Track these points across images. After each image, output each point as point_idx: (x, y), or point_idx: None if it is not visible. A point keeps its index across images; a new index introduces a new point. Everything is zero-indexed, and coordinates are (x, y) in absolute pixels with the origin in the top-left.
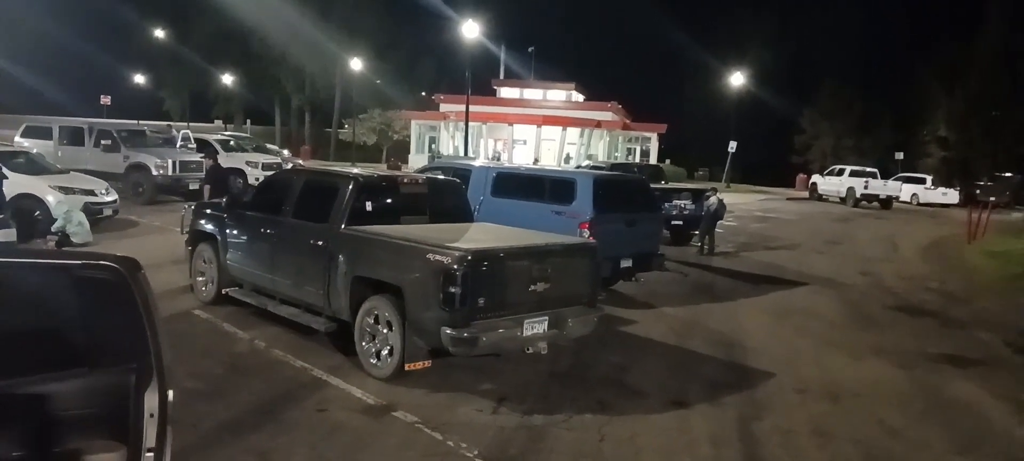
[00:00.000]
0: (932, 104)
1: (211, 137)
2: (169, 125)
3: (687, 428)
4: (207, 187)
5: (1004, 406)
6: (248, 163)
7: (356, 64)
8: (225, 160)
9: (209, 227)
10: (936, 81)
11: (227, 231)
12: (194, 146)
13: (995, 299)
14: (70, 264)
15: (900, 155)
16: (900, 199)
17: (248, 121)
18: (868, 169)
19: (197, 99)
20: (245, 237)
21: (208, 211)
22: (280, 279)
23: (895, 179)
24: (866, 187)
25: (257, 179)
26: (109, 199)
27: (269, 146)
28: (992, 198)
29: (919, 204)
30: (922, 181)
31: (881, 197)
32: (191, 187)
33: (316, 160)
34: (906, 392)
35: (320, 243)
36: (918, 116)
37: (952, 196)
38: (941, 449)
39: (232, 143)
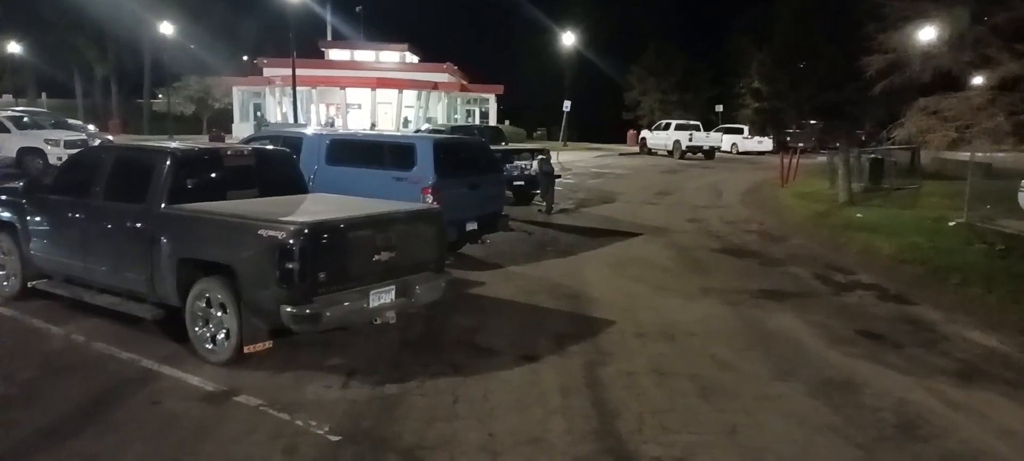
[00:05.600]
0: (745, 59)
1: (1, 114)
2: None
3: (538, 381)
4: None
5: (814, 331)
6: (47, 141)
7: (167, 28)
8: (19, 139)
9: (6, 215)
10: (747, 38)
11: (28, 218)
12: None
13: (805, 236)
14: None
15: (720, 108)
16: (721, 149)
17: (44, 94)
18: (692, 122)
19: None
20: (50, 223)
21: (3, 197)
22: (95, 267)
23: (716, 130)
24: (690, 139)
25: (59, 159)
26: None
27: (71, 121)
28: (801, 144)
29: (738, 153)
30: (740, 131)
31: (704, 148)
32: None
33: (128, 135)
34: (733, 328)
35: (138, 225)
36: (734, 71)
37: (767, 144)
38: (765, 376)
39: (27, 120)
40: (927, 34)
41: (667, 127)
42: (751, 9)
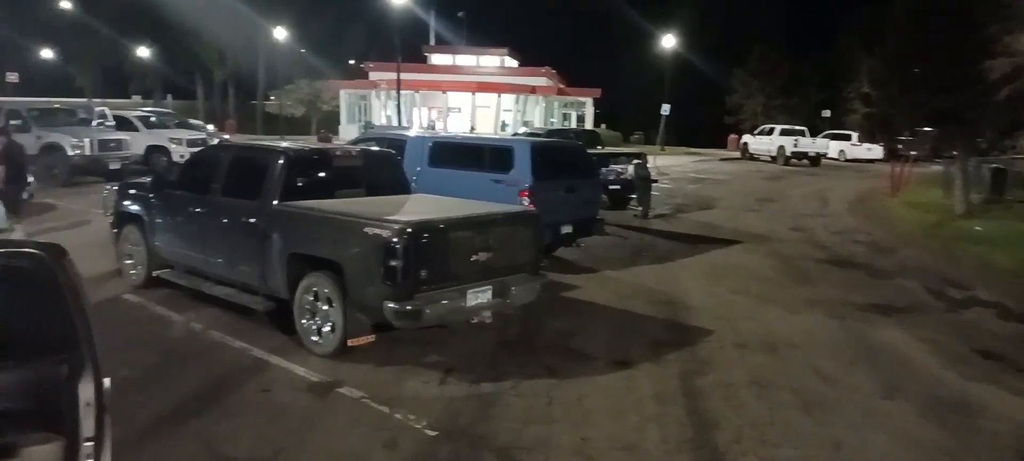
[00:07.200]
0: (855, 63)
1: (131, 114)
2: (89, 102)
3: (633, 387)
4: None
5: (925, 349)
6: (171, 139)
7: (279, 33)
8: (147, 137)
9: (135, 208)
10: (857, 40)
11: (154, 211)
12: (113, 124)
13: (917, 248)
14: None
15: (827, 113)
16: (828, 156)
17: (169, 96)
18: (797, 127)
19: (111, 74)
20: (173, 217)
21: (132, 191)
22: (213, 259)
23: (823, 136)
24: (796, 145)
25: (182, 156)
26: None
27: (193, 121)
28: (913, 151)
29: (846, 160)
30: (848, 137)
31: (810, 154)
32: (111, 167)
33: (243, 134)
34: (838, 341)
35: (252, 221)
36: (842, 74)
37: (877, 151)
38: (870, 391)
39: (153, 119)
40: None
41: (771, 132)
42: (861, 10)
